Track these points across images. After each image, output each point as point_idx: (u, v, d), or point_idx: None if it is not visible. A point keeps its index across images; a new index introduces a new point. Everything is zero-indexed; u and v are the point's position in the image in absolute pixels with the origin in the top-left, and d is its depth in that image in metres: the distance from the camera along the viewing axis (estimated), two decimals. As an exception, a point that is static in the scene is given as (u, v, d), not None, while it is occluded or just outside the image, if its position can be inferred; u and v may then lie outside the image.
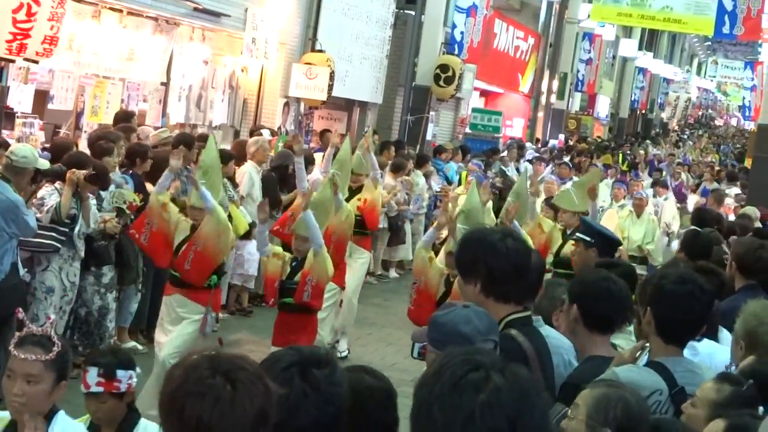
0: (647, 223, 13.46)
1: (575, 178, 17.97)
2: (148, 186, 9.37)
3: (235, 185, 11.14)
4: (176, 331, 7.93)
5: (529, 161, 21.08)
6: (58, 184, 8.21)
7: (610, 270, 4.64)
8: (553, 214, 10.58)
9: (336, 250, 9.57)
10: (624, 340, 4.65)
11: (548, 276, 7.46)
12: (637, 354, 4.04)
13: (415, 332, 3.95)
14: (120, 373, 4.33)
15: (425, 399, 2.13)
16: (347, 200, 10.33)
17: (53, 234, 8.17)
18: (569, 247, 9.49)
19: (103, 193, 8.78)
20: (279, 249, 8.36)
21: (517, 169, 19.00)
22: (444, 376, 2.13)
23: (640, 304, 4.12)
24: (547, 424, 2.21)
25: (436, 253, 8.12)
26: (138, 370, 4.54)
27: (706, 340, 4.56)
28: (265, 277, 8.42)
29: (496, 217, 10.67)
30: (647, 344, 4.04)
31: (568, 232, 9.65)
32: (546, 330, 4.45)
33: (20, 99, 10.41)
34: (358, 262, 11.09)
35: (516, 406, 2.09)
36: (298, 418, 2.48)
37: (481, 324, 3.39)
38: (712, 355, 4.58)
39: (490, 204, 12.07)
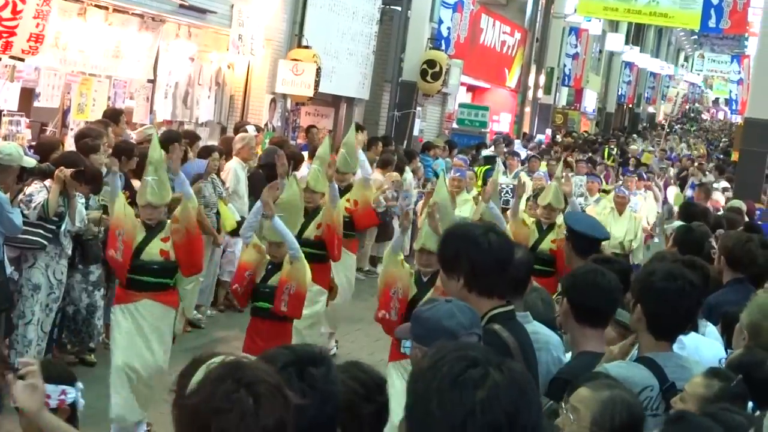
0: (629, 220, 13.34)
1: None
2: (135, 183, 9.34)
3: (222, 182, 11.13)
4: (158, 339, 7.61)
5: (491, 158, 21.02)
6: (47, 182, 8.19)
7: (604, 266, 4.64)
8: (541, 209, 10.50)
9: (339, 247, 9.65)
10: None
11: None
12: (630, 351, 4.05)
13: (398, 329, 3.96)
14: (49, 388, 3.81)
15: (422, 394, 2.13)
16: None
17: (40, 231, 8.16)
18: (547, 244, 9.53)
19: (92, 201, 8.78)
20: (260, 243, 7.94)
21: (504, 164, 18.99)
22: (441, 372, 2.13)
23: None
24: (542, 420, 2.23)
25: None
26: (80, 385, 4.18)
27: (692, 334, 4.57)
28: (238, 263, 8.21)
29: None
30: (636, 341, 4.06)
31: (545, 227, 9.64)
32: (534, 326, 4.46)
33: (6, 97, 10.37)
34: (345, 264, 10.69)
35: (514, 403, 2.11)
36: (297, 418, 2.47)
37: (464, 318, 3.40)
38: (699, 348, 4.59)
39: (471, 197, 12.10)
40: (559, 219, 9.50)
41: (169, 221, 7.67)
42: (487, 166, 18.31)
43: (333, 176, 9.53)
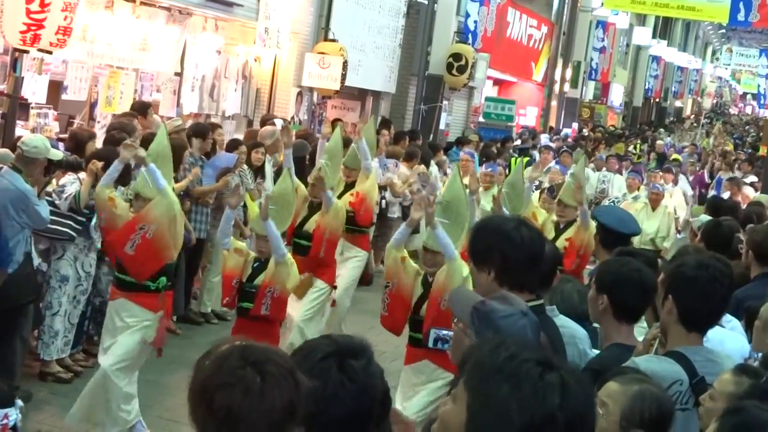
0: (662, 217, 13.11)
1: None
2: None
3: (258, 175, 11.14)
4: (119, 339, 7.11)
5: (524, 150, 20.90)
6: (81, 174, 8.23)
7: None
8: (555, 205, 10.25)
9: (328, 249, 9.21)
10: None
11: None
12: (653, 345, 4.02)
13: (457, 295, 3.60)
14: None
15: (495, 395, 2.10)
16: (341, 195, 10.07)
17: (70, 223, 8.19)
18: (561, 243, 9.04)
19: (121, 189, 8.77)
20: (242, 245, 7.51)
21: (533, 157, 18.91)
22: (517, 375, 2.11)
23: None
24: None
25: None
26: (19, 403, 3.94)
27: (716, 327, 4.53)
28: (223, 274, 7.48)
29: None
30: (659, 335, 4.02)
31: (561, 225, 9.24)
32: (561, 320, 4.44)
33: (34, 90, 10.42)
34: (352, 261, 10.43)
35: (586, 408, 2.17)
36: (335, 409, 2.46)
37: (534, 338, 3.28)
38: (723, 342, 4.55)
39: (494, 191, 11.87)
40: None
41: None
42: (527, 158, 18.28)
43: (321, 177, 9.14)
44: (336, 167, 9.69)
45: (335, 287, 9.69)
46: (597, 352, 4.49)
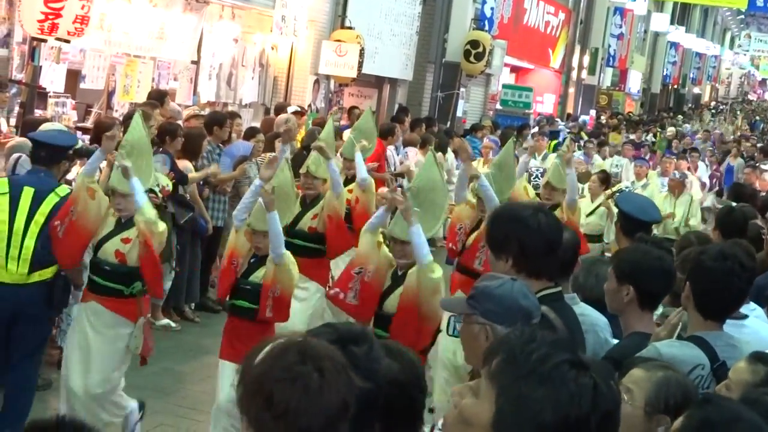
0: (686, 205, 12.79)
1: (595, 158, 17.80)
2: (179, 164, 9.40)
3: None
4: (94, 352, 6.51)
5: (555, 133, 20.83)
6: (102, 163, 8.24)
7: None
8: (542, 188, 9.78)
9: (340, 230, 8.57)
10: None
11: None
12: (675, 329, 4.01)
13: (446, 301, 3.87)
14: None
15: (529, 397, 2.08)
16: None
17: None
18: None
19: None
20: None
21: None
22: (553, 379, 2.09)
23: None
24: None
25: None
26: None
27: (753, 317, 4.49)
28: (227, 255, 6.95)
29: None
30: (683, 317, 4.00)
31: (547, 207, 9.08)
32: (581, 307, 4.42)
33: (52, 78, 10.45)
34: (345, 260, 9.40)
35: (615, 406, 2.19)
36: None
37: (534, 298, 3.34)
38: (759, 331, 4.50)
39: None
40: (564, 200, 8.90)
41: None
42: (555, 141, 18.23)
43: (327, 154, 8.51)
44: (371, 147, 9.44)
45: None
46: (617, 341, 4.47)
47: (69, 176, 8.07)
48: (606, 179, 12.34)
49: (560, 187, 8.91)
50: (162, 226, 6.65)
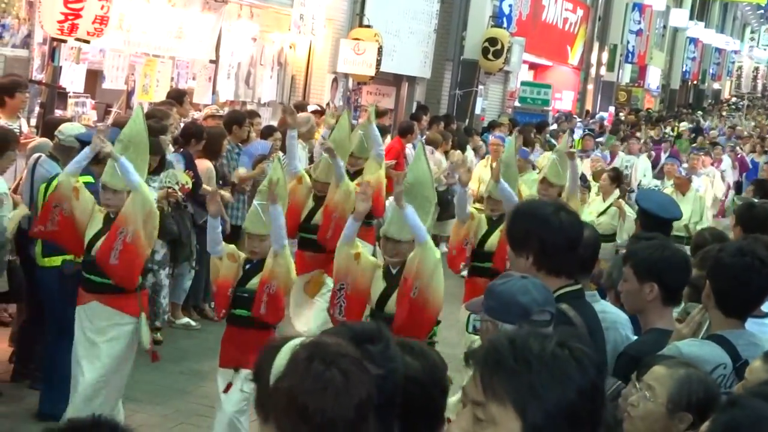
0: (693, 201, 12.68)
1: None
2: (199, 164, 9.42)
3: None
4: (100, 350, 6.47)
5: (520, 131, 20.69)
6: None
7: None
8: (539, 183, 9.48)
9: (336, 231, 8.19)
10: None
11: None
12: (699, 327, 3.99)
13: (469, 302, 3.92)
14: None
15: (545, 392, 2.07)
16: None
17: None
18: None
19: (161, 175, 8.79)
20: (233, 248, 6.69)
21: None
22: (555, 361, 2.09)
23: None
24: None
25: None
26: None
27: None
28: (216, 284, 6.65)
29: None
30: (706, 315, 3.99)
31: None
32: (602, 305, 4.41)
33: (72, 79, 10.48)
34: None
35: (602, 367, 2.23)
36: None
37: (538, 295, 3.39)
38: None
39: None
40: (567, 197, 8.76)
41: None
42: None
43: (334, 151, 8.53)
44: (343, 156, 8.97)
45: None
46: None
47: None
48: (617, 177, 12.11)
49: (557, 184, 8.88)
50: (155, 208, 6.67)
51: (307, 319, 8.69)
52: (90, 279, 6.54)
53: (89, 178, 7.04)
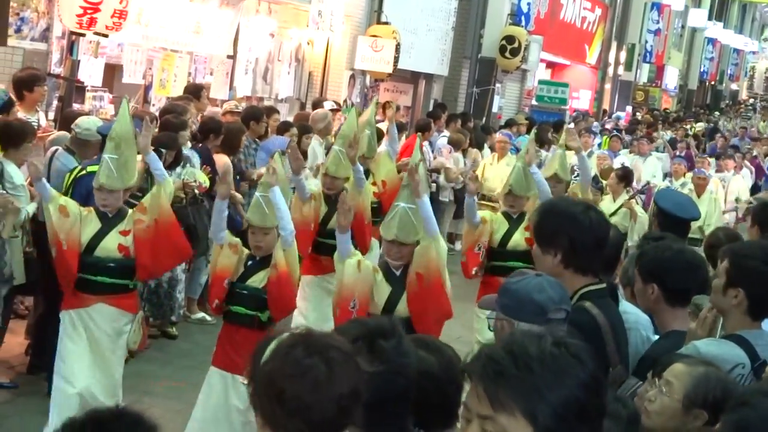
0: (709, 204, 12.58)
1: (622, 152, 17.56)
2: (217, 159, 9.43)
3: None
4: (111, 355, 6.45)
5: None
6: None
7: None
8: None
9: (359, 233, 8.10)
10: None
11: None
12: (714, 327, 3.97)
13: (482, 300, 3.93)
14: None
15: (550, 394, 2.06)
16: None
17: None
18: None
19: (178, 170, 8.78)
20: (237, 240, 6.48)
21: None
22: (555, 360, 2.09)
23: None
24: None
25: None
26: None
27: None
28: (213, 273, 6.46)
29: None
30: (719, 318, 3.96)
31: None
32: (623, 305, 4.40)
33: (90, 72, 10.50)
34: (371, 254, 8.89)
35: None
36: (368, 391, 2.46)
37: (554, 293, 3.40)
38: None
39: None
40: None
41: (131, 211, 6.54)
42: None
43: (355, 157, 8.33)
44: (346, 155, 8.54)
45: None
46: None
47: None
48: (625, 176, 11.83)
49: (566, 179, 8.94)
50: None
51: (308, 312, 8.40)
52: (95, 281, 6.41)
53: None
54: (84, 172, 7.28)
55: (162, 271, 6.70)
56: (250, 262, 6.33)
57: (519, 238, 7.98)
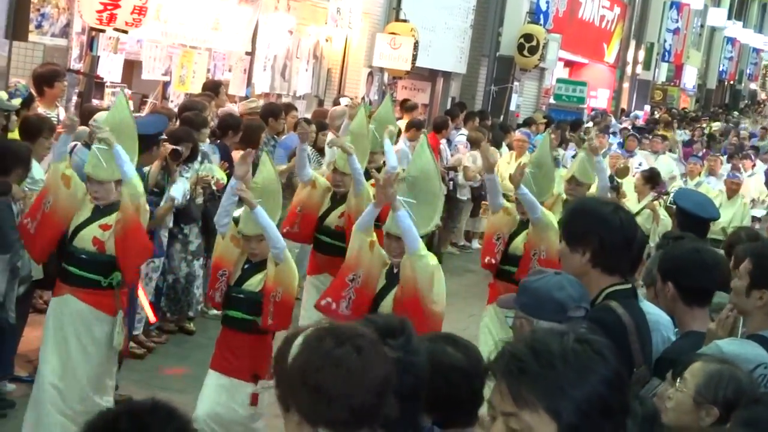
0: (738, 207, 12.53)
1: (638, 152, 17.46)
2: (236, 155, 9.43)
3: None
4: (76, 353, 6.16)
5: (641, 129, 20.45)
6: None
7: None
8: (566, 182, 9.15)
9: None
10: None
11: None
12: (733, 327, 3.96)
13: (501, 298, 3.94)
14: None
15: (574, 391, 2.07)
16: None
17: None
18: None
19: (195, 165, 8.79)
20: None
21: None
22: (578, 358, 2.09)
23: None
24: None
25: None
26: None
27: None
28: (214, 263, 6.41)
29: None
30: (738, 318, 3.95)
31: None
32: (645, 305, 4.39)
33: (110, 68, 10.53)
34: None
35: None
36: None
37: (574, 291, 3.41)
38: None
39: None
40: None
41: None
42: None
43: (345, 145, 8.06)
44: (361, 151, 8.33)
45: None
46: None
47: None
48: (651, 178, 11.68)
49: (585, 182, 8.72)
50: (144, 203, 6.32)
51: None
52: (68, 270, 6.27)
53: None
54: None
55: (128, 271, 6.29)
56: (246, 266, 6.22)
57: (519, 243, 7.74)
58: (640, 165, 15.03)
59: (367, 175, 8.31)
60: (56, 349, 6.17)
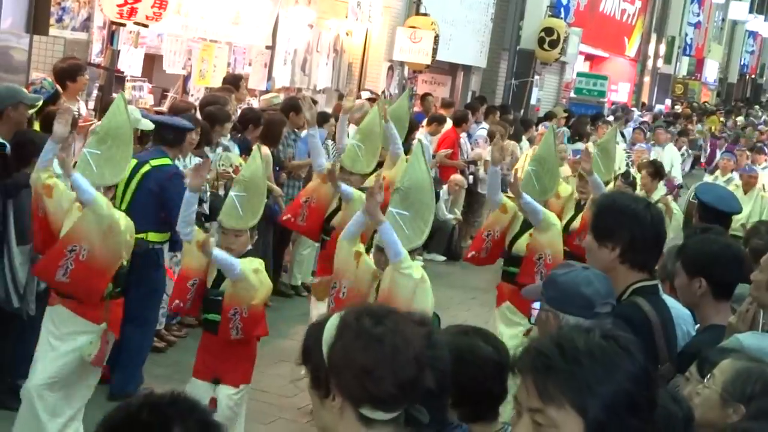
0: (756, 201, 12.45)
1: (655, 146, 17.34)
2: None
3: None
4: (54, 352, 5.91)
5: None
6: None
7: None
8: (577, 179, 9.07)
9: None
10: None
11: None
12: (756, 320, 3.93)
13: (526, 288, 3.93)
14: None
15: (601, 388, 2.06)
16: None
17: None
18: (578, 222, 8.35)
19: (211, 156, 8.80)
20: (206, 236, 5.98)
21: (622, 134, 18.54)
22: (605, 354, 2.08)
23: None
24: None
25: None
26: None
27: None
28: (179, 272, 6.23)
29: None
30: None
31: (582, 203, 8.47)
32: (668, 300, 4.37)
33: (130, 63, 10.54)
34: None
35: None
36: None
37: (601, 287, 3.42)
38: None
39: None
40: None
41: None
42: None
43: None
44: (371, 151, 8.06)
45: None
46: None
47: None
48: (657, 172, 11.62)
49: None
50: (115, 222, 5.89)
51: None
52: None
53: (166, 160, 7.41)
54: (148, 167, 7.37)
55: (95, 296, 5.94)
56: None
57: (522, 244, 7.52)
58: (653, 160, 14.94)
59: (374, 169, 8.28)
60: (43, 356, 5.98)
